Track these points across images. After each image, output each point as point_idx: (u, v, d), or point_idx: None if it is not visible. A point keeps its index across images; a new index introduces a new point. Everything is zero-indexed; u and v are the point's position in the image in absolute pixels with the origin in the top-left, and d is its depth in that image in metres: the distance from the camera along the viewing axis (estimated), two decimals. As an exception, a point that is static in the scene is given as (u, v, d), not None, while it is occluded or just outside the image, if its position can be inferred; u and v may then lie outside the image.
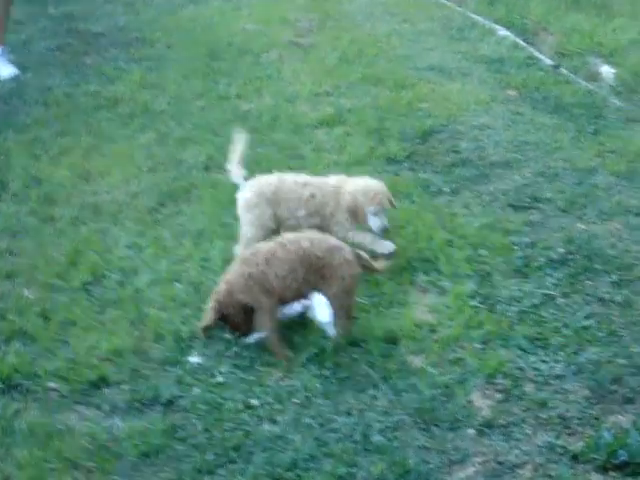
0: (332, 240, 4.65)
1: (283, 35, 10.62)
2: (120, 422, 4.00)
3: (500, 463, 3.68)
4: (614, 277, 5.06)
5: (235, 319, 4.51)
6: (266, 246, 4.60)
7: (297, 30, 10.97)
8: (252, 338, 4.55)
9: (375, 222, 5.24)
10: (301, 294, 4.59)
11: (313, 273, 4.51)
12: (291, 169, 6.58)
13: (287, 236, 4.67)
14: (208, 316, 4.54)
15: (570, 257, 5.27)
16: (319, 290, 4.57)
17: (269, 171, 6.56)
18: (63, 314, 4.84)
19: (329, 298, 4.54)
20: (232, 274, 4.54)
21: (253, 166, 6.69)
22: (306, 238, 4.61)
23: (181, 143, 7.27)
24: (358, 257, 4.62)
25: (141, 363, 4.44)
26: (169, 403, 4.13)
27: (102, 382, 4.29)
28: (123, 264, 5.37)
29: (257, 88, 8.66)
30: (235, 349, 4.50)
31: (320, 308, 4.66)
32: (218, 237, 5.58)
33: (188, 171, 6.71)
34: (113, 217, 6.01)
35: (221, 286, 4.54)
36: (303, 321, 4.71)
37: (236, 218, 5.82)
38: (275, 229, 5.22)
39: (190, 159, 6.91)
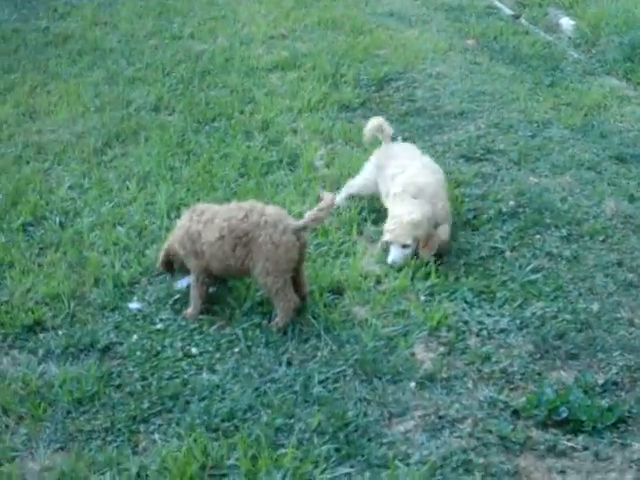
0: (270, 215, 4.17)
1: (240, -25, 10.41)
2: (54, 368, 3.89)
3: (440, 417, 3.63)
4: (564, 232, 5.01)
5: (176, 267, 4.40)
6: (215, 208, 4.38)
7: (255, -30, 10.75)
8: (180, 283, 4.47)
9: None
10: (231, 267, 4.25)
11: (242, 247, 4.16)
12: (242, 113, 6.49)
13: (234, 203, 4.36)
14: (159, 259, 4.42)
15: (520, 210, 5.22)
16: (248, 267, 4.23)
17: (220, 115, 6.47)
18: (0, 255, 4.70)
19: (254, 277, 4.25)
20: (181, 222, 4.36)
21: (204, 109, 6.59)
22: (245, 209, 4.23)
23: (131, 83, 7.12)
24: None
25: (79, 308, 4.33)
26: (106, 349, 4.03)
27: (38, 326, 4.19)
28: (65, 205, 5.25)
29: (211, 29, 8.51)
30: (177, 296, 4.40)
31: None
32: (164, 181, 5.46)
33: (136, 112, 6.57)
34: (57, 157, 5.88)
35: (174, 231, 4.39)
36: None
37: (183, 161, 5.73)
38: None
39: (139, 99, 6.77)
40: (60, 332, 4.14)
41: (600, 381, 3.83)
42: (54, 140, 6.09)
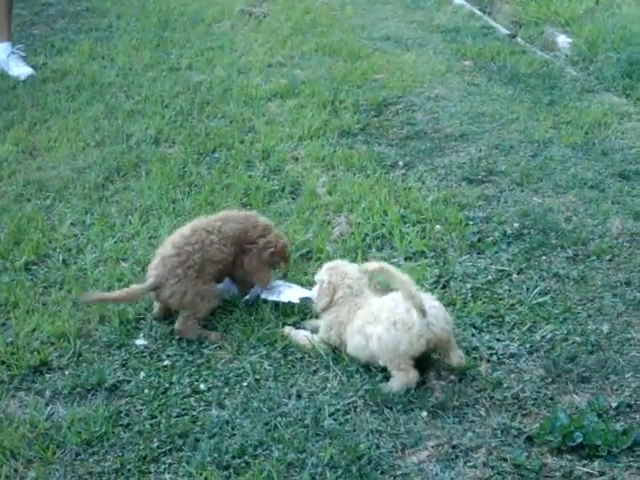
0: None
1: (236, 4, 10.46)
2: (62, 409, 3.85)
3: (454, 447, 3.58)
4: (570, 252, 4.98)
5: None
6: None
7: (250, -1, 10.81)
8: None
9: None
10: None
11: None
12: (243, 143, 6.48)
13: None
14: None
15: (525, 232, 5.19)
16: None
17: (221, 145, 6.46)
18: (4, 296, 4.67)
19: None
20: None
21: (204, 140, 6.58)
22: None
23: (130, 116, 7.11)
24: None
25: (85, 347, 4.29)
26: (113, 388, 3.98)
27: (44, 367, 4.14)
28: (68, 242, 5.22)
29: (209, 59, 8.52)
30: (183, 331, 4.37)
31: None
32: (167, 214, 5.44)
33: (137, 145, 6.55)
34: (58, 193, 5.85)
35: None
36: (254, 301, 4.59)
37: (185, 193, 5.71)
38: None
39: (139, 133, 6.75)
40: (67, 372, 4.10)
41: (613, 404, 3.78)
42: (55, 176, 6.07)
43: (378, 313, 3.98)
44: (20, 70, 8.05)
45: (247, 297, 4.60)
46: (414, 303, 3.83)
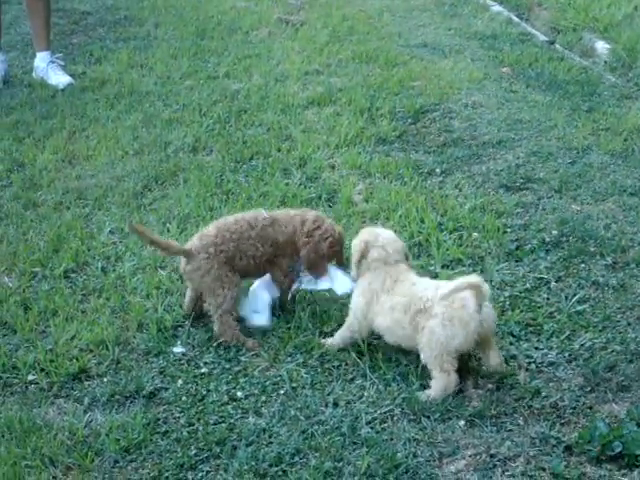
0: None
1: (273, 12, 10.50)
2: (100, 416, 3.88)
3: (492, 456, 3.56)
4: (609, 260, 4.94)
5: None
6: None
7: (287, 7, 10.88)
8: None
9: None
10: None
11: None
12: (280, 151, 6.50)
13: None
14: None
15: (564, 239, 5.16)
16: None
17: (258, 153, 6.48)
18: (44, 303, 4.72)
19: None
20: None
21: (242, 147, 6.61)
22: None
23: (168, 124, 7.15)
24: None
25: (123, 354, 4.32)
26: (151, 395, 4.00)
27: (83, 374, 4.17)
28: (107, 250, 5.26)
29: (246, 67, 8.55)
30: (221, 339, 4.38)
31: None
32: (204, 221, 5.44)
33: (175, 153, 6.59)
34: (97, 201, 5.90)
35: None
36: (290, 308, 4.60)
37: (222, 201, 5.73)
38: None
39: (177, 141, 6.79)
40: (105, 379, 4.13)
41: (653, 413, 3.75)
42: (94, 185, 6.12)
43: (429, 304, 3.95)
44: (59, 79, 8.12)
45: (296, 287, 4.64)
46: (475, 296, 3.85)
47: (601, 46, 8.77)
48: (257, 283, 4.66)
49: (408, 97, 7.50)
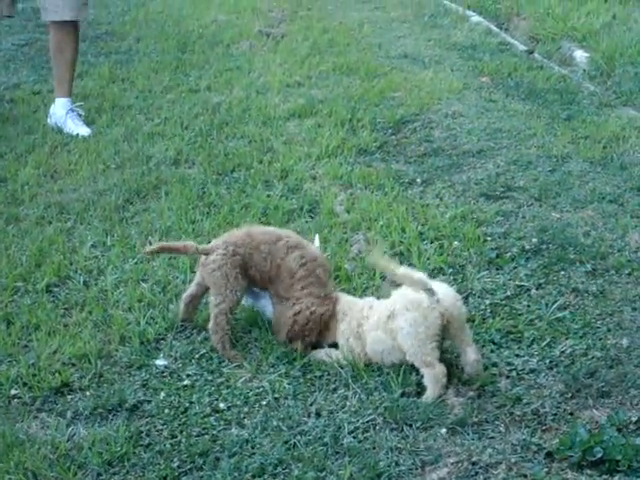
0: None
1: (254, 25, 10.55)
2: (83, 429, 3.88)
3: (474, 463, 3.58)
4: (588, 267, 4.97)
5: None
6: None
7: (268, 20, 10.94)
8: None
9: None
10: None
11: None
12: (261, 163, 6.52)
13: None
14: None
15: (544, 247, 5.19)
16: None
17: (239, 165, 6.50)
18: (26, 317, 4.71)
19: None
20: None
21: (223, 160, 6.63)
22: None
23: (150, 138, 7.17)
24: None
25: (106, 367, 4.31)
26: (134, 408, 4.00)
27: (65, 388, 4.15)
28: (89, 264, 5.25)
29: (227, 80, 8.59)
30: (202, 350, 4.39)
31: None
32: (186, 234, 5.47)
33: (156, 167, 6.60)
34: (79, 216, 5.89)
35: None
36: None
37: (204, 214, 5.74)
38: None
39: (158, 154, 6.81)
40: (88, 393, 4.12)
41: (634, 418, 3.76)
42: (76, 199, 6.12)
43: (392, 307, 4.09)
44: (78, 130, 7.44)
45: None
46: (419, 285, 3.96)
47: (580, 55, 8.85)
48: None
49: (389, 108, 7.55)
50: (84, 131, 7.44)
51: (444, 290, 4.07)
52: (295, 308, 4.37)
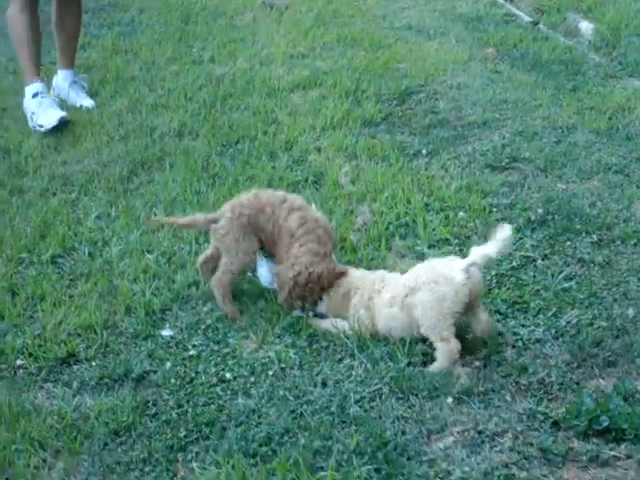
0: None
1: (258, -4, 10.47)
2: (89, 399, 3.89)
3: (480, 432, 3.58)
4: (594, 237, 4.96)
5: None
6: None
7: (272, -9, 10.80)
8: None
9: None
10: None
11: None
12: (266, 134, 6.50)
13: None
14: None
15: (549, 218, 5.17)
16: None
17: (244, 137, 6.48)
18: (31, 289, 4.72)
19: None
20: None
21: (228, 132, 6.60)
22: None
23: (154, 110, 7.14)
24: None
25: (111, 338, 4.33)
26: (140, 378, 4.01)
27: (71, 358, 4.18)
28: (93, 235, 5.25)
29: (231, 51, 8.53)
30: (208, 321, 4.39)
31: None
32: (191, 206, 5.45)
33: (160, 138, 6.58)
34: (83, 187, 5.89)
35: None
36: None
37: (208, 185, 5.73)
38: None
39: (162, 126, 6.78)
40: (94, 363, 4.14)
41: (639, 387, 3.78)
42: (80, 171, 6.11)
43: (414, 282, 4.06)
44: (81, 101, 7.40)
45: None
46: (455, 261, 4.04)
47: (585, 26, 8.78)
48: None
49: (393, 79, 7.50)
50: (88, 103, 7.38)
51: (473, 268, 4.04)
52: (295, 269, 4.36)
